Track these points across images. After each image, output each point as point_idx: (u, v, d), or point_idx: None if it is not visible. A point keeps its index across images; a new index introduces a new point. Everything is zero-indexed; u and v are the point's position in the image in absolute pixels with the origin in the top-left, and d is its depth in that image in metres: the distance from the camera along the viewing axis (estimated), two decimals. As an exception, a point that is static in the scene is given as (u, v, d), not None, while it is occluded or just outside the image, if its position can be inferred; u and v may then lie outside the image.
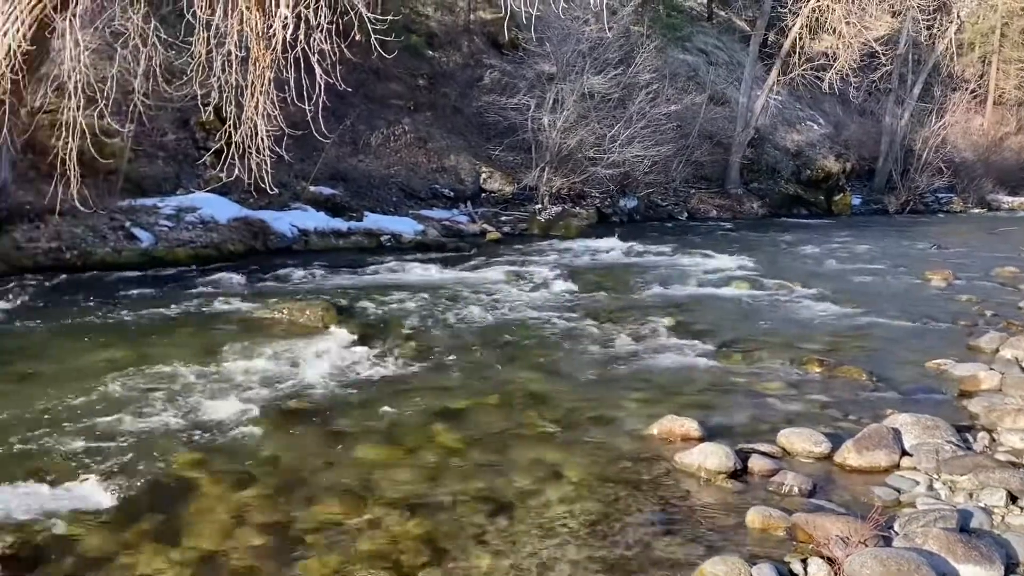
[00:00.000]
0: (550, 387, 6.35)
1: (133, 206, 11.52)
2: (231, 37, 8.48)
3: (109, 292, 8.80)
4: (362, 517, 4.11)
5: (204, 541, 3.80)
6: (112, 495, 4.12)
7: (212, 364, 6.35)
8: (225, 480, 4.41)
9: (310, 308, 8.14)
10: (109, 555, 3.63)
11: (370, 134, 16.86)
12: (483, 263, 12.05)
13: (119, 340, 7.03)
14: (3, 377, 5.94)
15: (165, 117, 12.61)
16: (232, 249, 11.63)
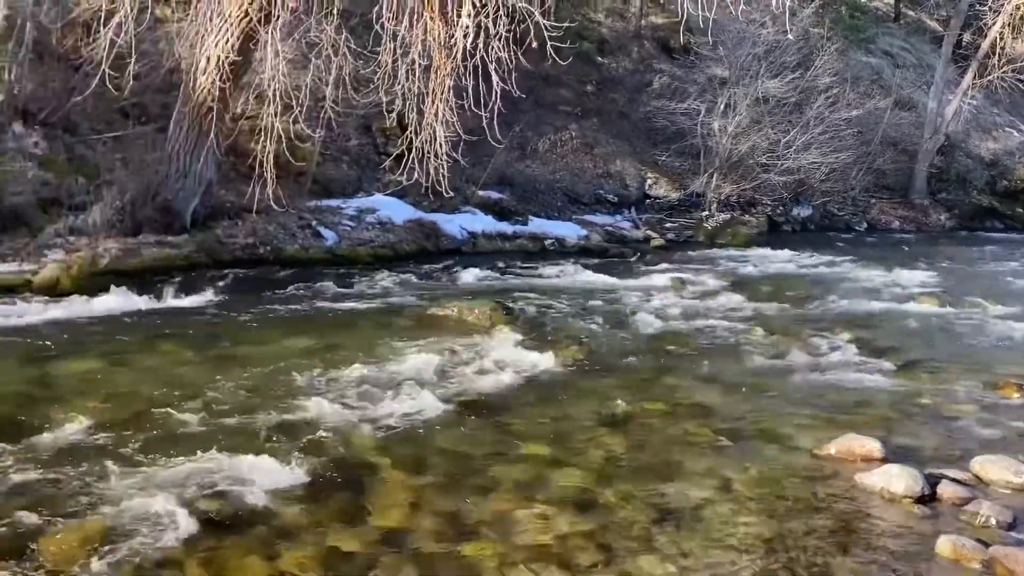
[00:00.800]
0: (718, 398, 6.21)
1: (319, 206, 12.30)
2: (415, 46, 8.90)
3: (297, 286, 9.43)
4: (531, 511, 4.20)
5: (385, 521, 4.02)
6: (304, 472, 4.43)
7: (389, 356, 6.67)
8: (404, 466, 4.63)
9: (478, 308, 8.37)
10: (301, 527, 3.91)
11: (538, 139, 17.12)
12: (647, 269, 11.95)
13: (306, 330, 7.54)
14: (208, 358, 6.52)
15: (350, 123, 13.38)
16: (406, 249, 12.16)
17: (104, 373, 6.05)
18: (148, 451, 4.61)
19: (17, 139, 10.29)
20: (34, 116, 10.56)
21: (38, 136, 10.50)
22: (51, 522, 3.80)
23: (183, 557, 3.59)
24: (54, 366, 6.12)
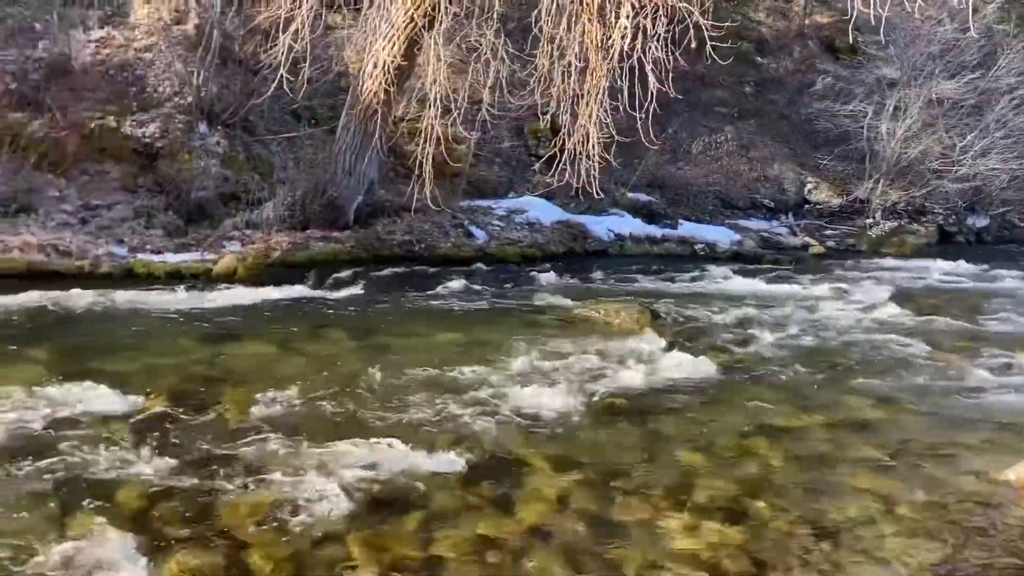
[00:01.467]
0: (881, 414, 5.88)
1: (471, 206, 12.63)
2: (571, 49, 8.97)
3: (449, 282, 9.71)
4: (679, 517, 4.14)
5: (533, 514, 4.08)
6: (456, 460, 4.57)
7: (536, 354, 6.74)
8: (550, 462, 4.68)
9: (625, 310, 8.32)
10: (453, 513, 4.04)
11: (691, 141, 16.81)
12: (804, 278, 11.46)
13: (458, 325, 7.76)
14: (366, 347, 6.85)
15: (504, 125, 13.64)
16: (554, 250, 12.27)
17: (273, 357, 6.48)
18: (312, 431, 4.89)
19: (202, 138, 11.18)
20: (217, 117, 11.43)
21: (220, 136, 11.37)
22: (227, 490, 4.11)
23: (343, 534, 3.78)
24: (230, 348, 6.62)
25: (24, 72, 10.63)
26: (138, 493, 4.03)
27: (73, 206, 9.79)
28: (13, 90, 10.41)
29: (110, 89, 11.17)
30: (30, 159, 9.90)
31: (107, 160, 10.54)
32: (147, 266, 8.94)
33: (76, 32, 11.41)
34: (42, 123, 10.31)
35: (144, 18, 12.21)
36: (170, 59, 11.74)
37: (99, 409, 5.03)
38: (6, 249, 8.50)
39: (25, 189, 9.59)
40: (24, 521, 3.70)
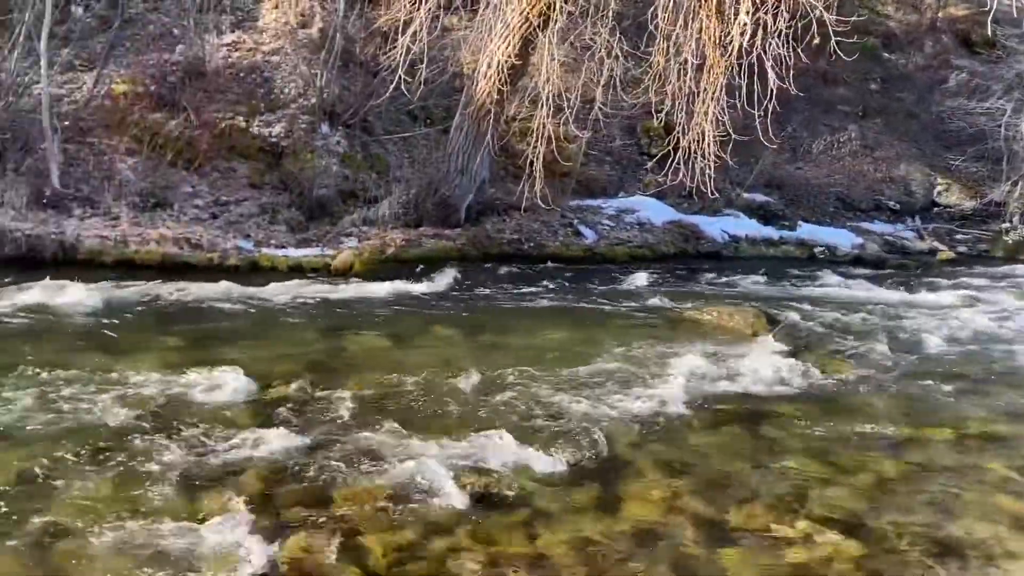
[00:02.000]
0: (1015, 430, 5.53)
1: (580, 206, 12.59)
2: (688, 46, 8.81)
3: (557, 281, 9.74)
4: (793, 527, 4.02)
5: (639, 518, 4.05)
6: (563, 459, 4.59)
7: (645, 355, 6.68)
8: (659, 465, 4.63)
9: (739, 314, 8.12)
10: (560, 512, 4.05)
11: (811, 140, 16.22)
12: (931, 284, 10.87)
13: (565, 323, 7.77)
14: (475, 343, 6.96)
15: (615, 124, 13.55)
16: (664, 251, 12.09)
17: (387, 349, 6.67)
18: (422, 423, 5.02)
19: (324, 138, 11.61)
20: (338, 117, 11.85)
21: (340, 135, 11.77)
22: (343, 476, 4.26)
23: (452, 525, 3.86)
24: (347, 339, 6.86)
25: (163, 75, 11.31)
26: (260, 475, 4.23)
27: (204, 202, 10.36)
28: (152, 92, 11.10)
29: (240, 90, 11.75)
30: (167, 157, 10.53)
31: (236, 158, 11.10)
32: (271, 260, 9.35)
33: (210, 36, 12.06)
34: (178, 123, 10.95)
35: (272, 22, 12.78)
36: (295, 62, 12.25)
37: (225, 394, 5.31)
38: (144, 241, 9.08)
39: (162, 185, 10.21)
40: (159, 496, 3.94)
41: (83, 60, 11.25)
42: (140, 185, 9.99)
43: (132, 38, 11.93)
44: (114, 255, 8.82)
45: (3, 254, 8.45)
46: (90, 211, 9.55)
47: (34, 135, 9.86)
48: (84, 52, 11.33)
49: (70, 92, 10.87)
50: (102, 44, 11.44)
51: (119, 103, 10.89)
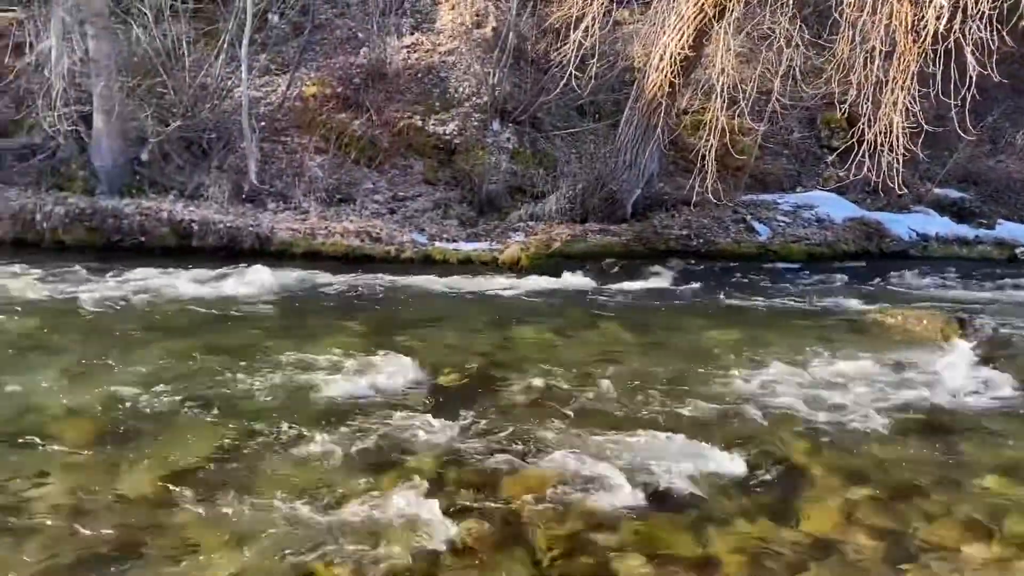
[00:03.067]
0: None
1: (754, 201, 12.18)
2: (875, 32, 8.31)
3: (727, 279, 9.49)
4: (986, 548, 3.72)
5: (816, 527, 3.87)
6: (733, 461, 4.46)
7: (821, 358, 6.36)
8: (837, 474, 4.41)
9: (928, 318, 7.57)
10: (730, 516, 3.94)
11: (1015, 132, 14.83)
12: None
13: (734, 322, 7.54)
14: (639, 339, 6.89)
15: (793, 116, 12.99)
16: (844, 249, 11.47)
17: (553, 343, 6.74)
18: (588, 417, 5.04)
19: (495, 135, 11.90)
20: (509, 114, 12.10)
21: (510, 132, 12.02)
22: (510, 464, 4.35)
23: (617, 521, 3.86)
24: (514, 331, 6.99)
25: (348, 77, 12.00)
26: (433, 458, 4.41)
27: (384, 197, 10.90)
28: (339, 93, 11.80)
29: (417, 90, 12.26)
30: (351, 155, 11.17)
31: (413, 156, 11.60)
32: (443, 253, 9.71)
33: (391, 39, 12.65)
34: (361, 123, 11.58)
35: (448, 23, 13.23)
36: (470, 61, 12.63)
37: (401, 378, 5.56)
38: (330, 234, 9.68)
39: (346, 182, 10.85)
40: (343, 473, 4.20)
41: (278, 64, 12.13)
42: (327, 181, 10.66)
43: (321, 43, 12.73)
44: (303, 247, 9.46)
45: (208, 244, 9.28)
46: (282, 205, 10.31)
47: (235, 135, 10.76)
48: (279, 57, 12.21)
49: (266, 94, 11.76)
50: (295, 49, 12.29)
51: (309, 104, 11.67)
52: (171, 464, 4.17)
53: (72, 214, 9.17)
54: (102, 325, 6.49)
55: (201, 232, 9.32)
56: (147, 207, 9.53)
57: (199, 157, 10.73)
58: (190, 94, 10.73)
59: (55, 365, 5.47)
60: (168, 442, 4.42)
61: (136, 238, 9.19)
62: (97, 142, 10.12)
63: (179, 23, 10.95)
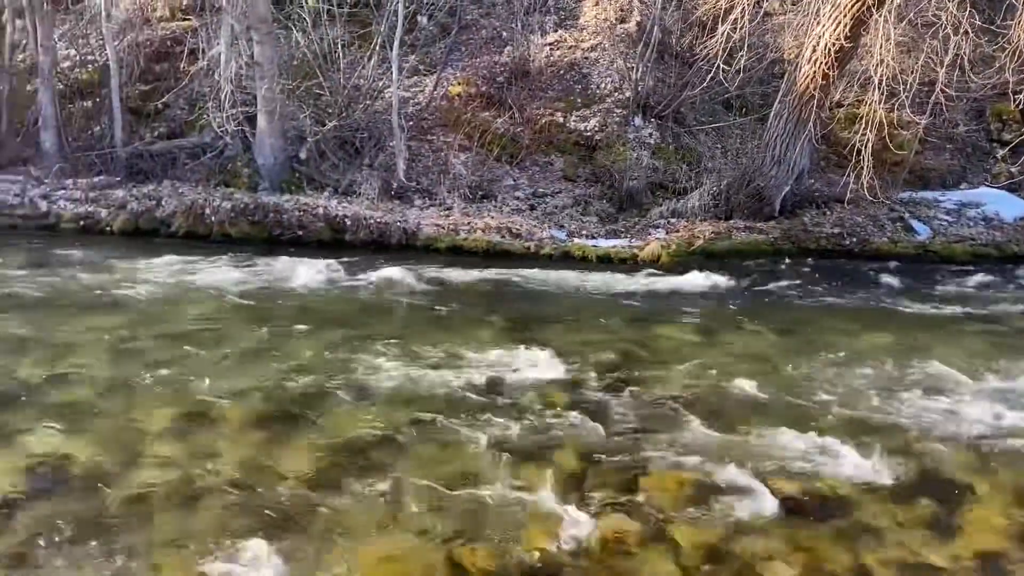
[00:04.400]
0: None
1: (913, 198, 11.47)
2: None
3: (882, 280, 9.00)
4: None
5: (980, 545, 3.64)
6: (887, 471, 4.25)
7: (985, 368, 5.94)
8: (1003, 491, 4.12)
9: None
10: (885, 527, 3.77)
11: None
12: None
13: (888, 326, 7.16)
14: (786, 342, 6.66)
15: (959, 108, 12.14)
16: (1015, 251, 10.60)
17: (694, 343, 6.63)
18: (731, 419, 4.93)
19: (636, 131, 11.79)
20: (651, 109, 11.95)
21: (652, 128, 11.87)
22: (651, 464, 4.33)
23: (764, 528, 3.76)
24: (653, 329, 6.92)
25: (492, 76, 12.22)
26: (572, 455, 4.45)
27: (524, 194, 11.04)
28: (483, 92, 12.03)
29: (559, 87, 12.33)
30: (493, 152, 11.37)
31: (553, 152, 11.67)
32: (582, 249, 9.72)
33: (535, 37, 12.77)
34: (503, 120, 11.77)
35: (592, 19, 13.22)
36: (612, 56, 12.57)
37: (539, 373, 5.63)
38: (472, 230, 9.90)
39: (488, 179, 11.06)
40: (484, 462, 4.31)
41: (426, 65, 12.51)
42: (470, 178, 10.90)
43: (466, 43, 13.02)
44: (446, 242, 9.72)
45: (359, 238, 9.70)
46: (428, 202, 10.64)
47: (385, 134, 11.19)
48: (427, 58, 12.60)
49: (414, 94, 12.16)
50: (441, 50, 12.64)
51: (454, 103, 11.98)
52: (327, 446, 4.41)
53: (237, 209, 9.83)
54: (264, 313, 6.94)
55: (353, 227, 9.76)
56: (305, 203, 10.09)
57: (352, 155, 11.24)
58: (344, 95, 11.25)
59: (223, 349, 5.90)
60: (324, 425, 4.68)
61: (294, 232, 9.74)
62: (260, 141, 10.80)
63: (335, 27, 11.49)
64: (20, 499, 3.77)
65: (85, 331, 6.22)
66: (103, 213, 10.01)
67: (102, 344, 5.92)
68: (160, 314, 6.78)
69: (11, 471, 4.00)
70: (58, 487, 3.91)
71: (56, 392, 4.99)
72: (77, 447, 4.28)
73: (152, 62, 12.43)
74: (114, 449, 4.28)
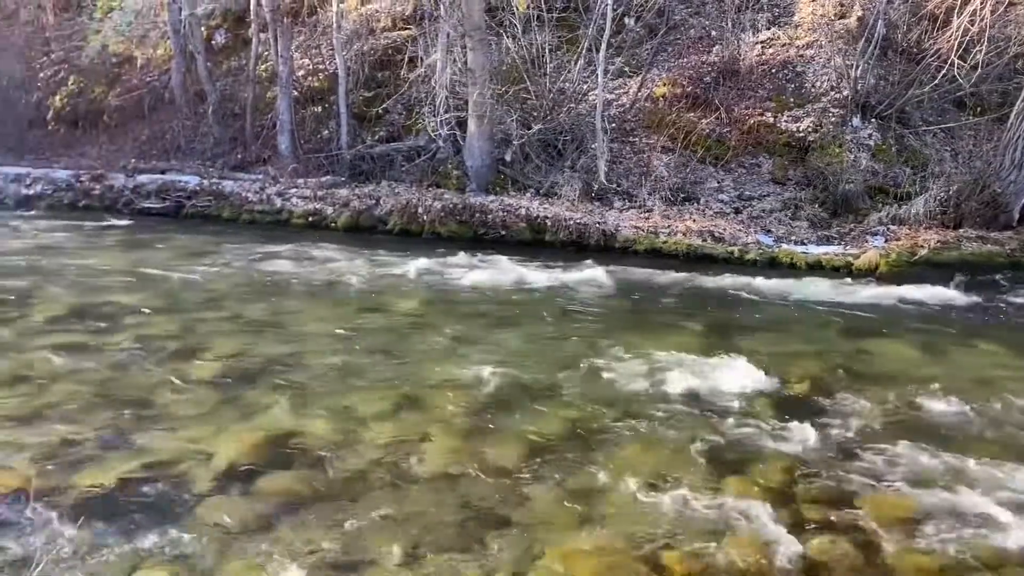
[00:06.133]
0: None
1: None
2: None
3: None
4: None
5: None
6: None
7: None
8: None
9: None
10: None
11: None
12: None
13: None
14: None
15: None
16: None
17: (915, 359, 6.15)
18: (961, 443, 4.55)
19: (854, 131, 11.10)
20: (872, 109, 11.20)
21: (872, 128, 11.12)
22: (863, 485, 4.06)
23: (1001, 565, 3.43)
24: (869, 343, 6.49)
25: (699, 76, 11.98)
26: (779, 469, 4.27)
27: (728, 196, 10.73)
28: (689, 92, 11.83)
29: (770, 86, 11.86)
30: (697, 154, 11.14)
31: (761, 154, 11.25)
32: (790, 256, 9.30)
33: (745, 35, 12.38)
34: (709, 121, 11.50)
35: (808, 16, 12.60)
36: (830, 54, 11.92)
37: (742, 383, 5.44)
38: (672, 233, 9.77)
39: (691, 181, 10.86)
40: (682, 467, 4.24)
41: (631, 67, 12.49)
42: (672, 180, 10.76)
43: (673, 43, 12.85)
44: (645, 244, 9.66)
45: (558, 239, 9.87)
46: (628, 204, 10.62)
47: (587, 136, 11.29)
48: (632, 59, 12.56)
49: (617, 96, 12.17)
50: (647, 51, 12.56)
51: (658, 104, 11.87)
52: (531, 440, 4.53)
53: (447, 209, 10.32)
54: (470, 307, 7.24)
55: (553, 227, 9.94)
56: (508, 204, 10.41)
57: (554, 157, 11.45)
58: (549, 98, 11.48)
59: (432, 340, 6.22)
60: (526, 419, 4.81)
61: (498, 232, 10.08)
62: (469, 144, 11.27)
63: (543, 32, 11.75)
64: (259, 468, 4.18)
65: (313, 318, 6.79)
66: (328, 210, 10.87)
67: (327, 330, 6.43)
68: (377, 304, 7.27)
69: (252, 443, 4.44)
70: (290, 459, 4.29)
71: (288, 372, 5.48)
72: (305, 424, 4.68)
73: (375, 70, 13.32)
74: (336, 428, 4.64)
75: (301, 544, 3.52)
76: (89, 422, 4.63)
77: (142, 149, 13.96)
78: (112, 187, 12.35)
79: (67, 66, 15.91)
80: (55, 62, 16.08)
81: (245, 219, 11.27)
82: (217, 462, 4.21)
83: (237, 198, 11.48)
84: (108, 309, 6.91)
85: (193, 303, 7.21)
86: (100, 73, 15.58)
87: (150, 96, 14.80)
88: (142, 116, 14.65)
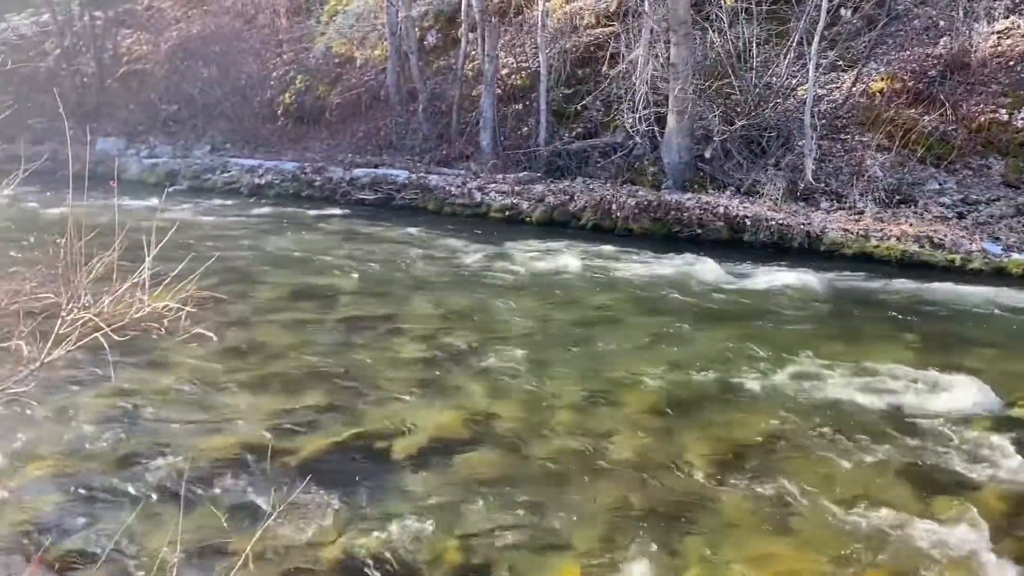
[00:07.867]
0: None
1: None
2: None
3: None
4: None
5: None
6: None
7: None
8: None
9: None
10: None
11: None
12: None
13: None
14: None
15: None
16: None
17: None
18: None
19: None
20: None
21: None
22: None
23: None
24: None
25: (923, 70, 11.12)
26: (997, 495, 3.93)
27: (951, 200, 9.88)
28: (910, 87, 11.01)
29: (1006, 81, 10.80)
30: (916, 153, 10.36)
31: (992, 154, 10.28)
32: (1021, 266, 8.44)
33: (979, 25, 11.33)
34: (932, 118, 10.65)
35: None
36: (1080, 43, 10.67)
37: (960, 402, 5.03)
38: (885, 237, 9.15)
39: (909, 182, 10.11)
40: (888, 488, 4.00)
41: (845, 60, 11.81)
42: (886, 181, 10.08)
43: (894, 35, 12.01)
44: (853, 248, 9.13)
45: (757, 240, 9.54)
46: (836, 205, 10.07)
47: (794, 133, 10.82)
48: (847, 53, 11.87)
49: (829, 91, 11.56)
50: (865, 43, 11.82)
51: (874, 100, 11.15)
52: (720, 443, 4.45)
53: (641, 206, 10.27)
54: (661, 305, 7.19)
55: (753, 227, 9.63)
56: (706, 202, 10.19)
57: (757, 155, 11.07)
58: (755, 94, 11.10)
59: (622, 337, 6.24)
60: (717, 421, 4.73)
61: (693, 230, 9.90)
62: (668, 141, 11.14)
63: (751, 25, 11.37)
64: (457, 445, 4.41)
65: (510, 308, 7.03)
66: (524, 205, 11.16)
67: (523, 320, 6.63)
68: (571, 298, 7.40)
69: (451, 421, 4.69)
70: (485, 439, 4.49)
71: (485, 358, 5.72)
72: (501, 408, 4.87)
73: (575, 67, 13.49)
74: (530, 414, 4.79)
75: (491, 521, 3.68)
76: (310, 393, 5.08)
77: (358, 144, 14.98)
78: (331, 179, 13.36)
79: (296, 66, 17.36)
80: (286, 62, 17.61)
81: (447, 212, 11.81)
82: (419, 436, 4.49)
83: (441, 192, 12.05)
84: (326, 291, 7.52)
85: (401, 288, 7.68)
86: (324, 73, 16.87)
87: (367, 94, 15.84)
88: (359, 113, 15.71)
